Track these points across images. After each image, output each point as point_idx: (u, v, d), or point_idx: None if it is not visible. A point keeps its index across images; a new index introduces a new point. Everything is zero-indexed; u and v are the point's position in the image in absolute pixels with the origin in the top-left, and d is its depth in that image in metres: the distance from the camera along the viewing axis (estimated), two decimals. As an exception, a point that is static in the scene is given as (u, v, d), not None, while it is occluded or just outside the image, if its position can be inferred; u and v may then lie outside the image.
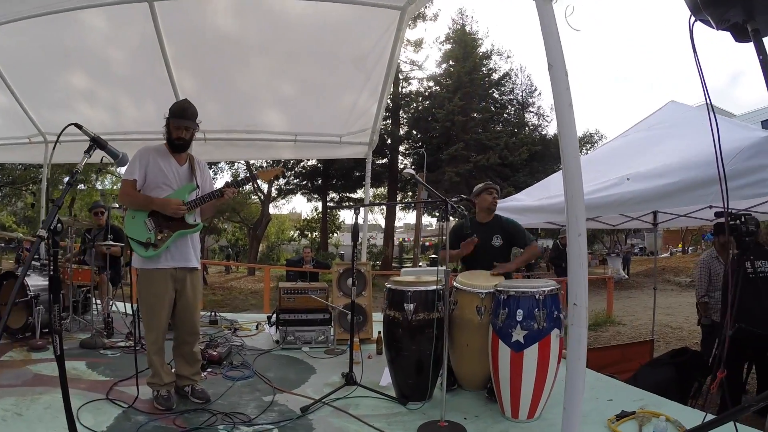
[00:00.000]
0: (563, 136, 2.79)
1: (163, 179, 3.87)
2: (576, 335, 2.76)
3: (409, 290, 4.02)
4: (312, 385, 4.55)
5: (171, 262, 3.85)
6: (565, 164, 2.81)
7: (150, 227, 3.81)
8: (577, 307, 2.75)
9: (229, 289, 21.46)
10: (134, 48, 5.92)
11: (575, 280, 2.78)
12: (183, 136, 3.88)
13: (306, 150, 7.66)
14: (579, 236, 2.76)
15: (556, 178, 7.68)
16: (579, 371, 2.76)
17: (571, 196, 2.81)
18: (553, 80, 2.78)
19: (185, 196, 3.88)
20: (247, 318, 7.90)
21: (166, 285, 3.82)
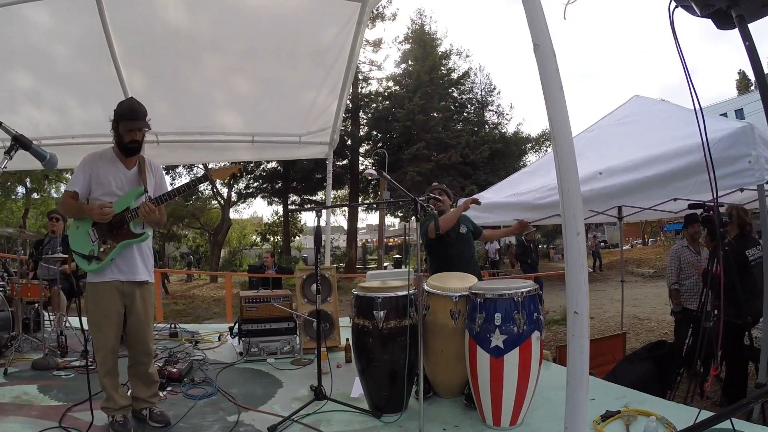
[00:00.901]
0: (555, 125, 2.54)
1: (109, 187, 3.58)
2: (578, 347, 2.51)
3: (379, 296, 3.75)
4: (279, 400, 4.28)
5: (117, 275, 3.54)
6: (559, 156, 2.56)
7: (93, 238, 3.53)
8: (579, 316, 2.51)
9: (192, 297, 21.02)
10: (80, 45, 5.53)
11: (575, 286, 2.55)
12: (136, 138, 3.59)
13: (264, 151, 7.41)
14: (578, 235, 2.53)
15: (521, 175, 7.60)
16: (581, 388, 2.53)
17: (567, 190, 2.56)
18: (541, 62, 2.52)
19: (131, 202, 3.57)
20: (209, 329, 7.58)
21: (112, 300, 3.52)
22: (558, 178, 2.59)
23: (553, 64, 2.52)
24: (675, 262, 6.30)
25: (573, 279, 2.54)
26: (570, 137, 2.55)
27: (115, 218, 3.51)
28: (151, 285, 3.76)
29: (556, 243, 37.58)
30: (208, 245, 32.01)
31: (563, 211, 2.58)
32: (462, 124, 30.73)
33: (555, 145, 2.55)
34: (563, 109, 2.51)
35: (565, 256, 2.58)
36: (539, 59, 2.51)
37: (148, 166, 3.75)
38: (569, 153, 2.54)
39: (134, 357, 3.70)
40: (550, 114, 2.53)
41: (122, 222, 3.52)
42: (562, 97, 2.50)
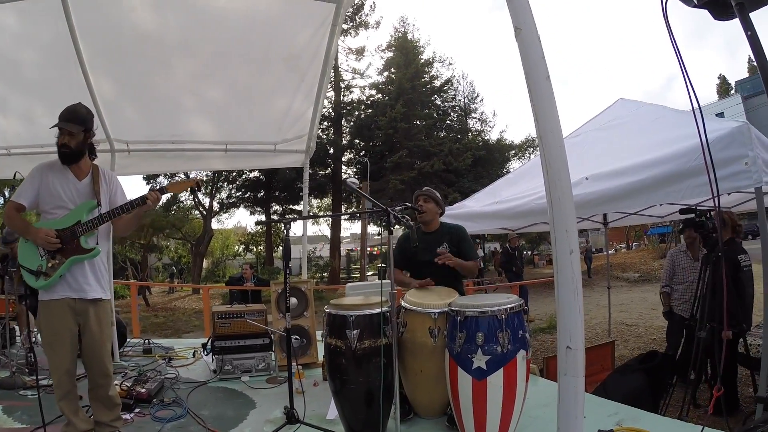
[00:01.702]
0: (542, 123, 2.22)
1: (58, 200, 3.35)
2: (571, 389, 2.21)
3: (352, 315, 3.52)
4: (251, 423, 4.05)
5: (68, 293, 3.31)
6: (547, 160, 2.24)
7: (41, 253, 3.29)
8: (572, 352, 2.21)
9: (173, 309, 20.65)
10: (47, 49, 5.25)
11: (568, 315, 2.24)
12: (66, 142, 3.35)
13: (238, 160, 7.13)
14: (571, 254, 2.21)
15: (504, 182, 7.43)
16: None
17: (558, 200, 2.24)
18: (523, 48, 2.20)
19: (83, 216, 3.34)
20: (184, 344, 7.30)
21: (64, 319, 3.29)
22: (546, 185, 2.28)
23: (537, 51, 2.20)
24: (669, 266, 6.26)
25: (566, 307, 2.24)
26: (560, 136, 2.24)
27: (64, 233, 3.28)
28: (107, 302, 3.52)
29: (540, 249, 37.67)
30: (190, 256, 31.61)
31: (553, 224, 2.27)
32: (445, 131, 30.72)
33: (542, 146, 2.24)
34: (551, 103, 2.20)
35: (556, 278, 2.28)
36: (521, 45, 2.22)
37: (102, 176, 3.51)
38: (559, 155, 2.22)
39: (92, 379, 3.47)
40: (535, 109, 2.22)
41: (73, 236, 3.29)
42: (549, 89, 2.19)
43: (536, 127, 2.24)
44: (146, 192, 3.38)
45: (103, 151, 6.22)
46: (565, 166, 2.22)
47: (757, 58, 1.78)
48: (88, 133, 3.43)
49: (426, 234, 4.43)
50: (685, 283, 6.02)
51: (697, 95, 2.23)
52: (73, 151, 3.37)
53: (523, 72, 2.21)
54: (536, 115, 2.20)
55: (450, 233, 4.45)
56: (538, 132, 2.24)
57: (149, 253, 30.78)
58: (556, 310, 2.29)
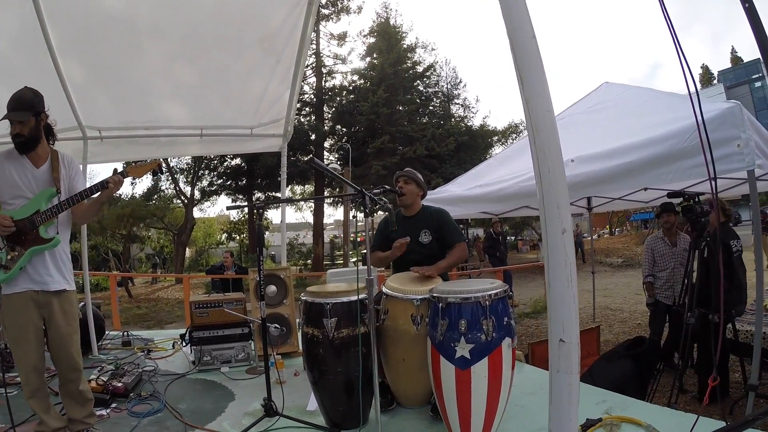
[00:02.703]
0: (527, 84, 1.97)
1: (15, 189, 3.21)
2: (564, 386, 2.04)
3: (328, 303, 3.40)
4: (230, 416, 3.94)
5: (30, 285, 3.19)
6: (535, 126, 2.00)
7: (1, 245, 3.14)
8: (566, 346, 2.00)
9: (155, 300, 20.41)
10: (14, 35, 5.04)
11: (560, 304, 2.01)
12: (18, 131, 3.19)
13: (215, 145, 6.94)
14: (563, 233, 1.96)
15: (488, 166, 7.33)
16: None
17: (547, 171, 1.99)
18: (506, 6, 1.97)
19: (42, 204, 3.19)
20: (164, 335, 7.16)
21: (27, 313, 3.17)
22: (534, 156, 2.05)
23: (521, 8, 1.96)
24: (648, 255, 6.22)
25: (558, 295, 2.00)
26: (548, 100, 1.98)
27: (23, 223, 3.14)
28: (71, 293, 3.38)
29: (524, 234, 37.77)
30: (172, 246, 31.29)
31: (542, 200, 2.02)
32: (428, 117, 30.56)
33: (528, 111, 2.00)
34: (537, 64, 1.97)
35: (546, 263, 2.03)
36: (504, 2, 1.98)
37: (61, 162, 3.35)
38: (548, 121, 1.98)
39: (62, 374, 3.36)
40: (520, 71, 2.00)
41: (32, 226, 3.14)
42: (536, 49, 1.96)
43: (521, 91, 2.01)
44: (104, 179, 3.24)
45: (75, 139, 6.06)
46: (554, 133, 2.00)
47: (755, 30, 1.69)
48: (39, 117, 3.26)
49: (406, 218, 4.26)
50: (667, 270, 6.01)
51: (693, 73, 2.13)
52: (28, 138, 3.21)
53: (506, 32, 1.99)
54: (521, 77, 1.98)
55: (431, 218, 4.26)
56: (523, 96, 2.00)
57: (131, 244, 30.41)
58: (547, 298, 2.09)
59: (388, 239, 4.15)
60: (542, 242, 2.09)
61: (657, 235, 6.28)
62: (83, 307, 5.71)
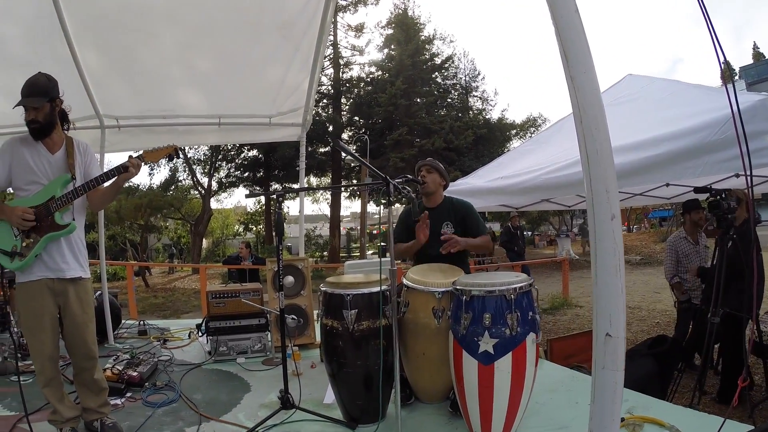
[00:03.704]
0: (573, 61, 1.87)
1: (31, 174, 3.18)
2: (610, 384, 1.92)
3: (349, 294, 3.32)
4: (245, 407, 3.89)
5: (46, 273, 3.15)
6: (581, 104, 1.90)
7: (16, 232, 3.10)
8: (612, 340, 1.89)
9: (172, 290, 20.55)
10: (30, 23, 5.01)
11: (608, 296, 1.91)
12: (33, 117, 3.16)
13: (233, 134, 6.88)
14: (612, 219, 1.87)
15: (510, 157, 7.21)
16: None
17: (595, 153, 1.91)
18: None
19: (57, 190, 3.15)
20: (180, 325, 7.16)
21: (43, 301, 3.14)
22: (580, 137, 1.96)
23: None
24: (672, 256, 6.02)
25: (605, 286, 1.90)
26: (594, 78, 1.88)
27: (38, 209, 3.10)
28: (87, 281, 3.35)
29: (541, 230, 37.54)
30: (189, 236, 31.46)
31: (589, 184, 1.93)
32: (446, 109, 30.30)
33: (574, 89, 1.89)
34: (582, 40, 1.86)
35: (593, 251, 1.94)
36: None
37: (76, 148, 3.31)
38: (594, 100, 1.88)
39: (77, 363, 3.34)
40: (564, 47, 1.89)
41: (47, 213, 3.11)
42: (580, 23, 1.85)
43: (566, 69, 1.90)
44: (120, 164, 3.19)
45: (92, 128, 6.05)
46: (602, 113, 1.89)
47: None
48: (54, 102, 3.22)
49: (428, 209, 4.11)
50: (691, 271, 5.84)
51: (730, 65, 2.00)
52: (43, 124, 3.18)
53: (548, 7, 1.88)
54: (566, 54, 1.87)
55: (453, 209, 4.14)
56: (568, 74, 1.90)
57: (148, 234, 30.63)
58: (594, 289, 1.98)
59: (410, 230, 4.04)
60: (589, 229, 1.98)
61: (680, 234, 6.09)
62: (100, 296, 5.70)
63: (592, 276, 1.96)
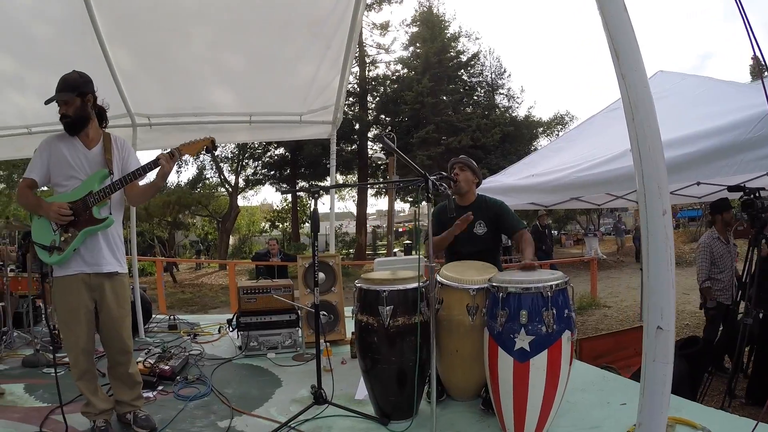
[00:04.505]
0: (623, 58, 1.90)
1: (68, 170, 3.22)
2: (660, 376, 1.92)
3: (385, 290, 3.30)
4: (277, 402, 3.92)
5: (83, 267, 3.19)
6: (632, 101, 1.93)
7: (54, 227, 3.16)
8: (663, 333, 1.90)
9: (200, 286, 20.76)
10: (62, 23, 5.10)
11: (660, 290, 1.91)
12: (64, 112, 3.20)
13: (263, 131, 6.94)
14: (663, 215, 1.89)
15: (540, 155, 7.15)
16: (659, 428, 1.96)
17: (647, 150, 1.93)
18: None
19: (95, 185, 3.19)
20: (210, 320, 7.28)
21: (79, 295, 3.17)
22: (632, 134, 1.98)
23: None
24: (706, 256, 5.82)
25: (658, 279, 1.91)
26: (644, 75, 1.91)
27: (76, 204, 3.14)
28: (123, 276, 3.38)
29: (567, 229, 37.12)
30: (216, 233, 31.73)
31: (642, 180, 1.95)
32: (472, 107, 30.10)
33: (625, 87, 1.93)
34: (631, 37, 1.88)
35: (645, 245, 1.96)
36: None
37: (114, 143, 3.35)
38: (645, 97, 1.90)
39: (112, 357, 3.38)
40: (614, 44, 1.91)
41: (85, 207, 3.15)
42: (629, 21, 1.87)
43: (617, 67, 1.93)
44: (156, 157, 3.21)
45: (124, 126, 6.15)
46: (653, 110, 1.91)
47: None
48: (85, 98, 3.24)
49: (461, 207, 4.06)
50: (726, 270, 5.72)
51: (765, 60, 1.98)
52: (74, 118, 3.21)
53: (597, 6, 1.91)
54: (617, 52, 1.89)
55: (486, 208, 4.10)
56: (619, 72, 1.92)
57: (176, 231, 30.96)
58: (644, 283, 1.98)
59: (445, 227, 3.98)
60: (641, 224, 1.99)
61: (712, 234, 5.92)
62: (131, 291, 5.80)
63: (644, 270, 1.96)
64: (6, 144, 6.37)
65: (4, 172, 23.19)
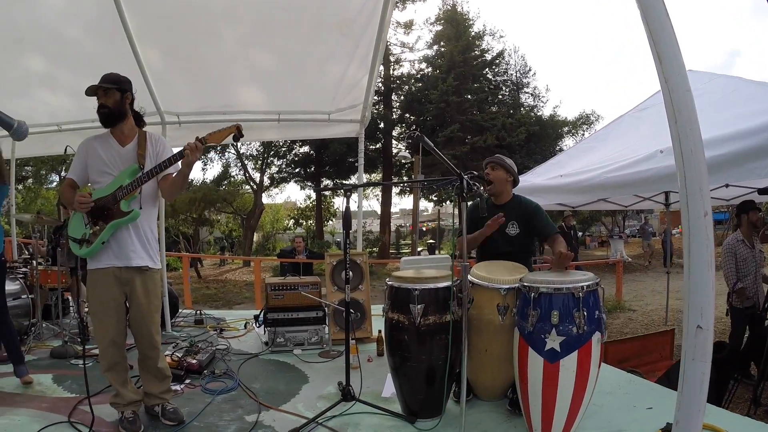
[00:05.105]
0: (666, 62, 1.92)
1: (102, 167, 3.29)
2: (698, 375, 1.96)
3: (416, 288, 3.31)
4: (304, 398, 3.94)
5: (114, 261, 3.24)
6: (675, 105, 1.96)
7: (86, 221, 3.24)
8: (703, 332, 1.94)
9: (224, 281, 20.93)
10: (93, 23, 5.21)
11: (699, 290, 1.95)
12: (103, 102, 3.26)
13: (292, 130, 6.97)
14: (705, 216, 1.93)
15: (569, 155, 7.12)
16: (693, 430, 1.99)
17: (689, 152, 1.97)
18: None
19: (125, 180, 3.24)
20: (235, 315, 7.35)
21: (109, 288, 3.23)
22: (674, 136, 2.00)
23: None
24: (731, 260, 5.72)
25: (698, 280, 1.95)
26: (686, 79, 1.93)
27: (107, 199, 3.21)
28: (155, 272, 3.42)
29: (591, 230, 36.72)
30: (241, 230, 31.98)
31: (684, 182, 1.99)
32: (497, 106, 29.83)
33: (668, 90, 1.94)
34: (673, 42, 1.90)
35: (686, 246, 1.98)
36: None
37: (148, 140, 3.40)
38: (687, 100, 1.93)
39: (141, 351, 3.44)
40: (656, 48, 1.93)
41: (114, 201, 3.21)
42: (670, 24, 1.89)
43: (659, 70, 1.94)
44: (183, 148, 3.23)
45: (153, 124, 6.23)
46: (694, 113, 1.93)
47: None
48: (125, 95, 3.32)
49: (495, 207, 4.02)
50: (750, 275, 5.63)
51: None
52: (112, 110, 3.28)
53: (639, 9, 1.92)
54: (660, 56, 1.92)
55: (520, 210, 4.02)
56: (662, 76, 1.94)
57: (201, 227, 31.26)
58: (685, 283, 2.00)
59: (477, 226, 3.95)
60: (682, 226, 2.01)
61: (737, 237, 5.79)
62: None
63: (684, 270, 1.98)
64: (37, 141, 6.52)
65: (33, 168, 23.63)
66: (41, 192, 25.53)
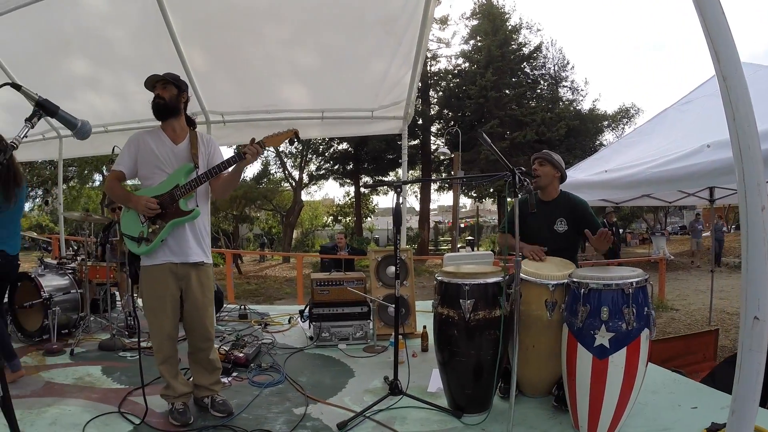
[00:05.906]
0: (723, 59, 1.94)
1: (156, 162, 3.36)
2: (755, 365, 1.95)
3: (466, 284, 3.32)
4: (350, 392, 3.99)
5: (170, 257, 3.33)
6: (733, 102, 1.97)
7: (142, 219, 3.31)
8: (760, 323, 1.93)
9: (264, 277, 21.22)
10: (137, 26, 5.37)
11: (757, 281, 1.96)
12: (160, 92, 3.37)
13: (335, 127, 7.02)
14: (762, 210, 1.93)
15: (612, 150, 7.02)
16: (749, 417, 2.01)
17: (747, 148, 1.95)
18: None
19: (181, 179, 3.32)
20: (279, 310, 7.46)
21: (166, 284, 3.32)
22: (732, 133, 2.01)
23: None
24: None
25: (755, 272, 1.95)
26: (743, 76, 1.95)
27: (164, 197, 3.28)
28: (209, 266, 3.52)
29: (632, 227, 36.02)
30: (280, 226, 32.33)
31: (742, 177, 1.98)
32: (536, 100, 29.35)
33: (726, 88, 1.96)
34: (729, 39, 1.92)
35: (744, 239, 1.99)
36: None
37: (200, 139, 3.49)
38: (745, 97, 1.93)
39: (194, 343, 3.53)
40: (714, 45, 1.95)
41: (172, 200, 3.29)
42: (726, 22, 1.91)
43: (716, 68, 1.96)
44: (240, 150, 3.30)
45: (198, 123, 6.31)
46: (751, 110, 1.93)
47: None
48: (181, 93, 3.43)
49: (543, 203, 3.98)
50: None
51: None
52: (167, 102, 3.37)
53: (696, 11, 1.95)
54: (717, 55, 1.94)
55: (569, 208, 3.96)
56: (720, 73, 1.96)
57: (241, 224, 31.68)
58: (743, 276, 2.01)
59: (524, 223, 3.85)
60: (740, 220, 2.02)
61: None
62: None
63: (742, 263, 1.99)
64: (85, 142, 6.66)
65: (77, 168, 24.25)
66: (84, 191, 26.22)
